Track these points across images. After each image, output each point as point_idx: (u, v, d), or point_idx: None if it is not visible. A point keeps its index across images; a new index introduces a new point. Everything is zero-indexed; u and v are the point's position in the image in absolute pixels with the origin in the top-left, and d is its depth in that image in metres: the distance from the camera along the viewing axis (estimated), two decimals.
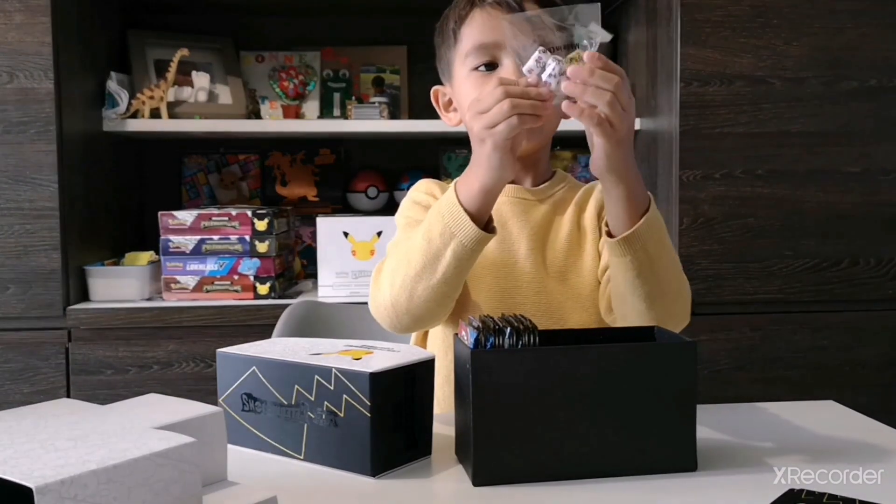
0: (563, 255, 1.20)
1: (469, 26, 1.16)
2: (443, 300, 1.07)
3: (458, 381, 0.90)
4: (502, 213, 1.21)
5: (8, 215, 1.90)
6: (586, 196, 1.24)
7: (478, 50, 1.14)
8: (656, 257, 1.02)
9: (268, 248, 2.04)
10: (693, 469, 0.88)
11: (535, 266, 1.19)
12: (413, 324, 1.11)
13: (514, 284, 1.18)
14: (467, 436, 0.86)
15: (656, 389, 0.87)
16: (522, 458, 0.85)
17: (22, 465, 0.57)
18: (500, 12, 1.12)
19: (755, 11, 1.95)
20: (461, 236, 1.01)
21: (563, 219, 1.22)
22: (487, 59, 1.14)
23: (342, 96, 2.44)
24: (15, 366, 1.92)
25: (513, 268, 1.19)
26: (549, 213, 1.22)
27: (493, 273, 1.18)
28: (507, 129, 0.95)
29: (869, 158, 1.99)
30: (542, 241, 1.20)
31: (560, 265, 1.19)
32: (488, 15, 1.14)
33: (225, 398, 0.97)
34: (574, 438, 0.85)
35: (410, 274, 1.05)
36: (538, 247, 1.20)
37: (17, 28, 1.87)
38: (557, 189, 1.24)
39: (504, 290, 1.18)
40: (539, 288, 1.18)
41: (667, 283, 1.05)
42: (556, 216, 1.22)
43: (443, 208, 1.03)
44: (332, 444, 0.89)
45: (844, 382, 2.00)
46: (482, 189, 1.01)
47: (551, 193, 1.23)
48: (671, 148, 1.98)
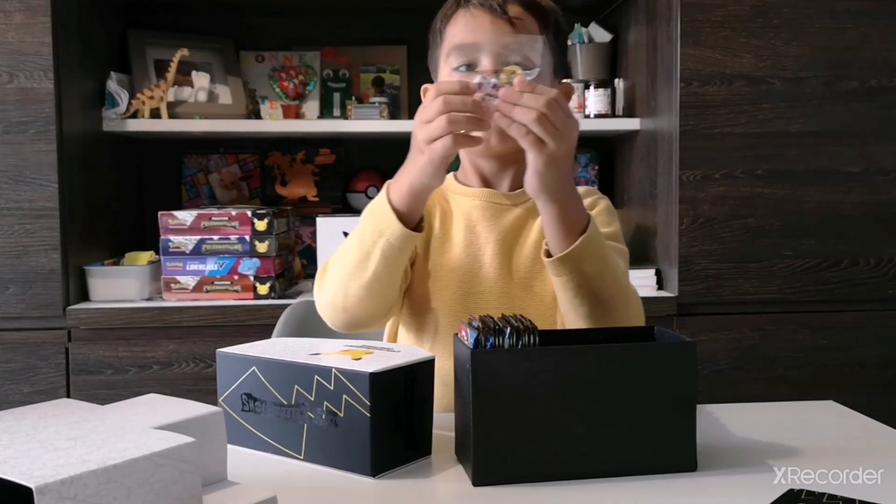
0: (530, 262, 1.18)
1: (453, 26, 1.16)
2: (376, 299, 1.09)
3: (458, 381, 0.90)
4: (472, 217, 1.21)
5: (8, 215, 1.90)
6: None
7: (458, 50, 1.14)
8: (594, 277, 1.04)
9: (268, 248, 2.04)
10: (693, 469, 0.88)
11: (499, 271, 1.18)
12: (350, 322, 1.13)
13: (477, 289, 1.18)
14: (467, 436, 0.86)
15: (656, 389, 0.87)
16: (522, 458, 0.85)
17: (22, 465, 0.57)
18: (483, 13, 1.13)
19: (755, 11, 1.95)
20: (388, 234, 1.04)
21: (534, 224, 1.21)
22: (467, 60, 1.13)
23: (342, 96, 2.44)
24: (15, 366, 1.92)
25: (477, 272, 1.18)
26: (520, 219, 1.21)
27: (458, 276, 1.18)
28: (441, 149, 0.98)
29: (869, 158, 1.99)
30: (509, 247, 1.19)
31: (525, 272, 1.18)
32: (472, 16, 1.14)
33: (225, 398, 0.97)
34: (574, 438, 0.85)
35: (345, 272, 1.08)
36: (504, 252, 1.19)
37: (17, 28, 1.88)
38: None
39: (467, 293, 1.18)
40: (502, 293, 1.18)
41: (607, 300, 1.06)
42: (527, 222, 1.21)
43: (374, 208, 1.07)
44: (331, 445, 0.89)
45: (844, 382, 2.00)
46: (411, 191, 1.04)
47: (526, 199, 1.20)
48: (671, 148, 1.98)
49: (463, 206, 1.23)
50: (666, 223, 2.04)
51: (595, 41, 2.35)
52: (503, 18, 1.12)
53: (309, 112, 2.42)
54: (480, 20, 1.13)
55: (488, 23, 1.13)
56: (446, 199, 1.25)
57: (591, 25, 2.37)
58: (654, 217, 2.11)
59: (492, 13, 1.13)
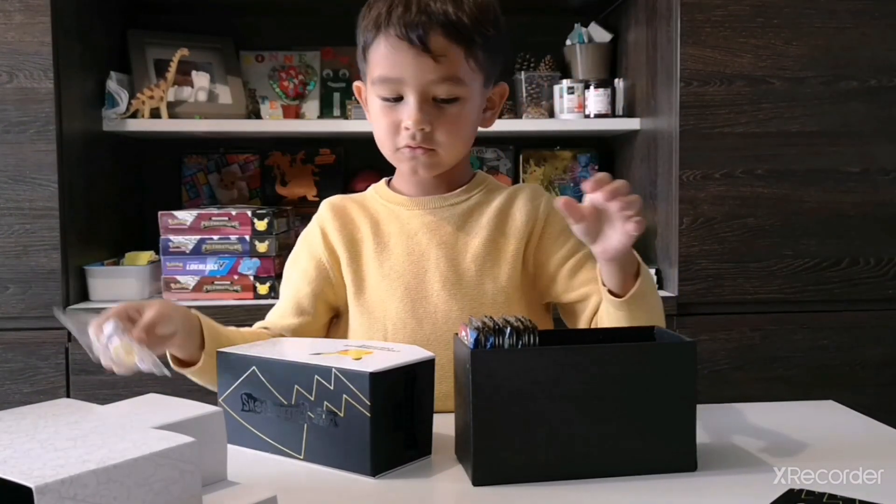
0: (479, 263, 1.19)
1: (375, 53, 1.14)
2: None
3: (458, 380, 0.90)
4: (410, 225, 1.21)
5: (8, 215, 1.90)
6: (510, 201, 1.23)
7: (383, 83, 1.13)
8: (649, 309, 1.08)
9: (268, 247, 2.04)
10: (693, 469, 0.88)
11: (444, 276, 1.18)
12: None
13: (423, 295, 1.18)
14: (467, 435, 0.86)
15: (656, 389, 0.87)
16: (522, 457, 0.85)
17: (22, 464, 0.57)
18: (405, 47, 1.09)
19: (755, 11, 1.95)
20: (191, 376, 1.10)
21: (477, 225, 1.21)
22: (393, 94, 1.13)
23: (342, 96, 2.44)
24: (15, 366, 1.92)
25: (423, 278, 1.18)
26: (459, 221, 1.21)
27: (403, 285, 1.18)
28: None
29: (869, 158, 1.99)
30: (451, 250, 1.20)
31: (474, 273, 1.18)
32: (393, 48, 1.11)
33: (225, 398, 0.97)
34: (573, 438, 0.85)
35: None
36: (448, 255, 1.19)
37: (17, 28, 1.87)
38: (473, 194, 1.24)
39: (415, 300, 1.18)
40: (450, 297, 1.17)
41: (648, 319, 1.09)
42: (468, 223, 1.21)
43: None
44: (332, 444, 0.89)
45: (844, 382, 2.00)
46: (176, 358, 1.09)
47: (465, 198, 1.23)
48: (671, 148, 1.98)
49: (399, 215, 1.23)
50: (666, 223, 2.04)
51: (595, 41, 2.35)
52: (426, 54, 1.09)
53: (309, 112, 2.42)
54: (403, 54, 1.10)
55: (411, 58, 1.10)
56: (378, 209, 1.25)
57: (591, 25, 2.37)
58: (654, 217, 2.11)
59: (413, 48, 1.09)
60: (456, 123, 1.14)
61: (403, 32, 1.09)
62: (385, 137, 1.17)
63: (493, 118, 1.25)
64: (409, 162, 1.16)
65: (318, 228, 1.26)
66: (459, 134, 1.16)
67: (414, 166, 1.17)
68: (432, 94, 1.12)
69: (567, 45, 2.37)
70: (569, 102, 2.25)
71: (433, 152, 1.15)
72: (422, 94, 1.11)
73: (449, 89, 1.12)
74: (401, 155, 1.16)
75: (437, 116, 1.13)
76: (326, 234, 1.24)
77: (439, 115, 1.13)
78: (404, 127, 1.13)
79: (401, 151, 1.16)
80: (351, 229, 1.24)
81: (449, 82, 1.11)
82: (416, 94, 1.11)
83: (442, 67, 1.10)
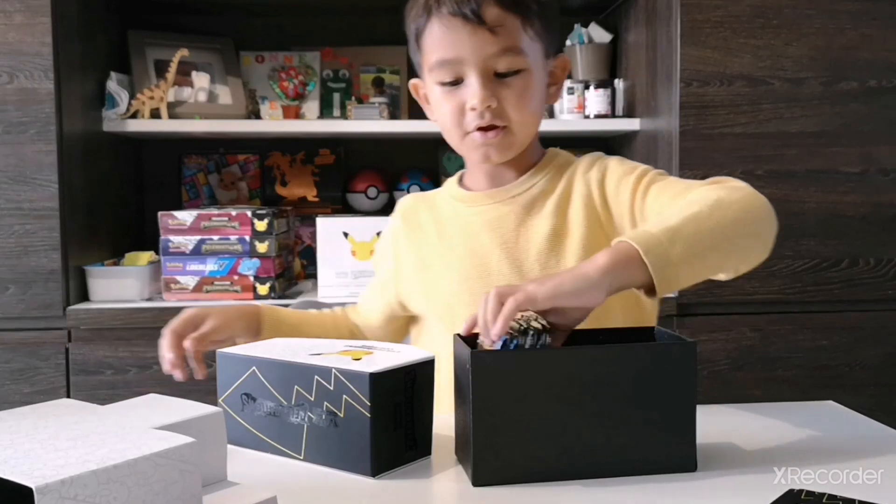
0: (543, 259, 1.13)
1: (429, 38, 1.10)
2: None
3: (458, 381, 0.90)
4: (473, 225, 1.18)
5: (8, 215, 1.90)
6: (569, 187, 1.16)
7: (441, 66, 1.09)
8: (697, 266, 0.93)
9: (268, 248, 2.04)
10: (693, 470, 0.88)
11: (507, 278, 1.13)
12: None
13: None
14: (467, 436, 0.86)
15: (657, 390, 0.87)
16: (522, 458, 0.85)
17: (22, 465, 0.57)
18: (459, 24, 1.06)
19: (755, 11, 1.95)
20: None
21: (539, 218, 1.15)
22: (453, 77, 1.09)
23: (342, 96, 2.44)
24: (15, 366, 1.92)
25: (486, 280, 1.14)
26: (522, 214, 1.16)
27: (469, 289, 1.15)
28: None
29: (869, 158, 1.99)
30: (513, 249, 1.15)
31: (538, 271, 1.13)
32: (446, 28, 1.07)
33: (225, 398, 0.97)
34: (573, 439, 0.85)
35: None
36: (510, 255, 1.14)
37: (17, 28, 1.88)
38: (538, 179, 1.17)
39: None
40: None
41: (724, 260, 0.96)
42: (530, 216, 1.15)
43: None
44: (331, 445, 0.89)
45: (844, 382, 2.00)
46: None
47: (528, 186, 1.16)
48: (671, 148, 1.98)
49: (461, 213, 1.20)
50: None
51: (595, 41, 2.35)
52: (482, 27, 1.05)
53: (309, 112, 2.42)
54: (457, 32, 1.06)
55: (467, 34, 1.06)
56: (443, 208, 1.23)
57: (591, 26, 2.37)
58: None
59: (468, 23, 1.05)
60: (523, 97, 1.09)
61: (456, 9, 1.06)
62: (450, 124, 1.12)
63: (557, 93, 1.19)
64: (481, 148, 1.11)
65: (390, 234, 1.27)
66: (528, 108, 1.10)
67: (486, 152, 1.12)
68: (494, 68, 1.07)
69: (567, 46, 2.37)
70: (569, 103, 2.25)
71: (506, 130, 1.10)
72: (483, 71, 1.07)
73: (510, 61, 1.07)
74: (470, 141, 1.11)
75: (502, 92, 1.08)
76: (397, 240, 1.25)
77: (504, 89, 1.08)
78: (470, 108, 1.08)
79: (470, 137, 1.11)
80: (418, 235, 1.23)
81: (509, 54, 1.07)
82: (477, 70, 1.07)
83: (500, 39, 1.06)
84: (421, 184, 2.45)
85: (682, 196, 1.02)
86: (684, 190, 1.04)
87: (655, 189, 1.08)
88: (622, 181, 1.11)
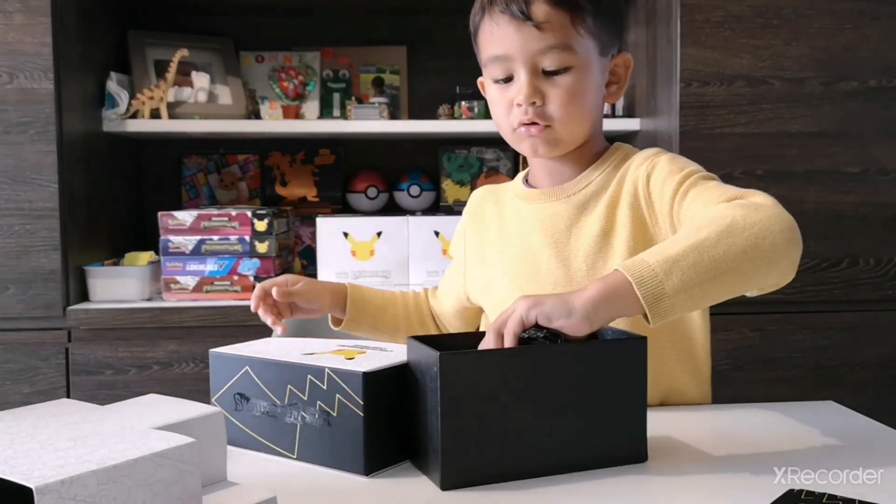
0: (591, 260, 1.12)
1: (482, 34, 1.12)
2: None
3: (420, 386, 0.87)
4: (528, 223, 1.18)
5: (8, 215, 1.90)
6: (619, 187, 1.14)
7: (493, 63, 1.11)
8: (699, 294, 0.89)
9: (268, 248, 2.04)
10: (644, 460, 0.89)
11: (556, 278, 1.14)
12: None
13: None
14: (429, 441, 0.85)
15: (612, 384, 0.88)
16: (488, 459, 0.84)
17: (22, 465, 0.57)
18: (507, 21, 1.07)
19: (755, 11, 1.95)
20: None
21: (590, 219, 1.14)
22: (504, 74, 1.10)
23: (342, 96, 2.44)
24: (15, 366, 1.92)
25: (536, 280, 1.15)
26: (574, 215, 1.15)
27: (520, 287, 1.15)
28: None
29: (869, 158, 1.99)
30: (563, 250, 1.15)
31: (585, 272, 1.12)
32: (496, 25, 1.09)
33: (218, 398, 0.97)
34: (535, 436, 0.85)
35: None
36: (560, 255, 1.15)
37: (17, 28, 1.88)
38: (595, 177, 1.16)
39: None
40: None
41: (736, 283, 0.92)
42: (582, 217, 1.15)
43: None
44: (325, 444, 0.89)
45: (844, 382, 2.00)
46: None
47: (584, 186, 1.16)
48: (671, 148, 1.98)
49: (520, 211, 1.21)
50: None
51: None
52: (529, 24, 1.06)
53: (309, 112, 2.42)
54: (506, 29, 1.07)
55: (514, 31, 1.07)
56: (506, 204, 1.25)
57: None
58: None
59: (515, 20, 1.06)
60: (570, 95, 1.08)
61: (505, 7, 1.07)
62: (501, 120, 1.13)
63: (619, 92, 1.18)
64: (527, 140, 1.11)
65: (461, 226, 1.32)
66: (574, 106, 1.09)
67: (533, 144, 1.11)
68: (540, 65, 1.07)
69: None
70: None
71: (549, 128, 1.10)
72: (530, 67, 1.07)
73: (557, 58, 1.07)
74: (518, 135, 1.12)
75: (549, 88, 1.08)
76: (465, 232, 1.30)
77: (551, 86, 1.08)
78: (516, 104, 1.09)
79: (518, 132, 1.11)
80: (482, 229, 1.27)
81: (556, 51, 1.06)
82: (523, 67, 1.07)
83: (547, 35, 1.06)
84: (421, 184, 2.45)
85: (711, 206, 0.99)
86: (715, 200, 1.00)
87: (693, 194, 1.04)
88: (667, 181, 1.08)
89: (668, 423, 1.04)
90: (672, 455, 0.93)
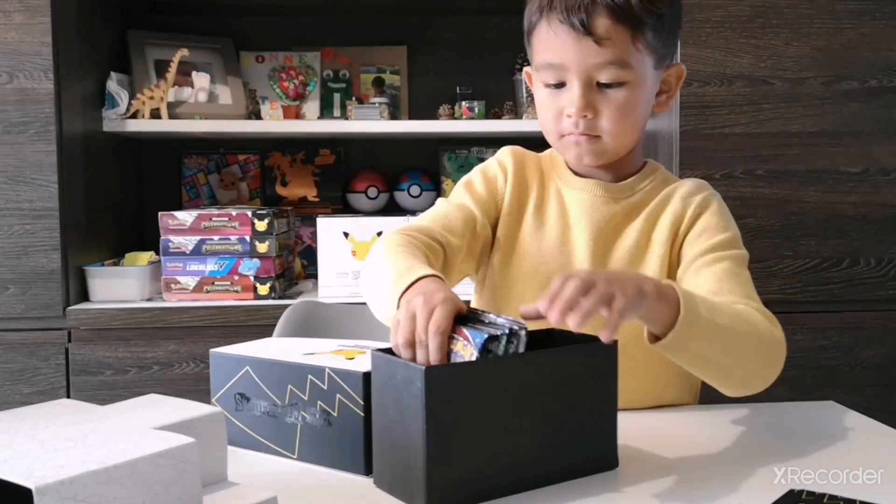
0: (624, 265, 1.13)
1: (538, 38, 1.10)
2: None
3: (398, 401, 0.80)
4: (572, 212, 1.16)
5: (8, 215, 1.90)
6: (665, 201, 1.16)
7: (546, 68, 1.09)
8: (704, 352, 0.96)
9: (268, 248, 2.04)
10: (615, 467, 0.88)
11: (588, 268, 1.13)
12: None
13: None
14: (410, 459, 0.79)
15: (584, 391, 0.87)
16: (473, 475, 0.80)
17: (22, 465, 0.57)
18: (567, 31, 1.05)
19: (755, 11, 1.95)
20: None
21: (632, 226, 1.15)
22: (556, 81, 1.09)
23: (342, 97, 2.44)
24: (15, 366, 1.92)
25: (569, 268, 1.13)
26: (619, 217, 1.15)
27: (550, 271, 1.13)
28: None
29: (869, 158, 1.99)
30: (604, 247, 1.14)
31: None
32: (554, 33, 1.07)
33: (218, 398, 0.97)
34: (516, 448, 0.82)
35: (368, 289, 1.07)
36: (599, 252, 1.14)
37: (17, 28, 1.87)
38: (639, 189, 1.17)
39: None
40: None
41: (728, 367, 1.00)
42: (626, 221, 1.15)
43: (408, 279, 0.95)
44: (325, 444, 0.89)
45: (844, 382, 2.00)
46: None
47: (629, 194, 1.16)
48: (671, 148, 1.98)
49: (565, 195, 1.18)
50: None
51: None
52: (589, 38, 1.04)
53: (309, 112, 2.42)
54: (564, 39, 1.06)
55: (572, 42, 1.05)
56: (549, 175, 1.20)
57: None
58: None
59: (575, 32, 1.04)
60: (622, 109, 1.08)
61: (565, 17, 1.05)
62: (549, 125, 1.12)
63: (668, 102, 1.17)
64: (574, 149, 1.11)
65: (499, 170, 1.20)
66: (626, 120, 1.09)
67: (579, 154, 1.11)
68: (596, 78, 1.07)
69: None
70: None
71: (598, 139, 1.10)
72: (585, 80, 1.06)
73: (614, 74, 1.06)
74: (565, 143, 1.12)
75: (601, 102, 1.08)
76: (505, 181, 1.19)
77: (604, 100, 1.08)
78: (566, 114, 1.09)
79: (565, 139, 1.11)
80: (522, 194, 1.19)
81: (614, 66, 1.06)
82: (579, 79, 1.06)
83: (606, 51, 1.05)
84: (421, 184, 2.45)
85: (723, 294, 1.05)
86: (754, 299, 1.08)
87: (726, 271, 1.09)
88: (707, 233, 1.13)
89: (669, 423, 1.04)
90: (672, 456, 0.93)
